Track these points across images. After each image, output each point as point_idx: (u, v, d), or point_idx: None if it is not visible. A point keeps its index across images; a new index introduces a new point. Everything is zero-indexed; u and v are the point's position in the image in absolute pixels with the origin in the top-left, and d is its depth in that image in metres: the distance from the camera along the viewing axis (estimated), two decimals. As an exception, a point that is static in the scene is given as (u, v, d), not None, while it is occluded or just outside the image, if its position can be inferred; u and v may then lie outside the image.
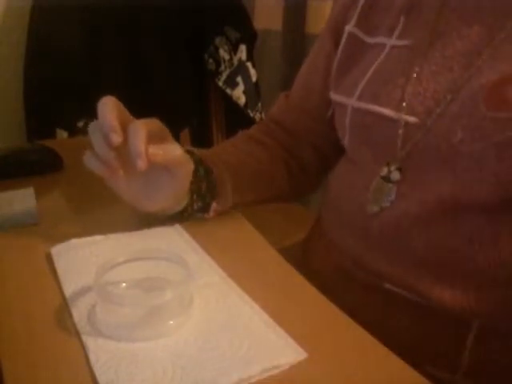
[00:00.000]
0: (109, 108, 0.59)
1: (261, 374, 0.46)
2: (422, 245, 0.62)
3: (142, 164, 0.58)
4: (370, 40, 0.72)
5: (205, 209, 0.72)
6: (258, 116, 1.71)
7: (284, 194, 0.85)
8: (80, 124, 1.53)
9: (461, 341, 0.60)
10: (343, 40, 0.75)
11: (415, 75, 0.64)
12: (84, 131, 1.49)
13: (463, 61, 0.61)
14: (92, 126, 0.61)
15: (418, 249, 0.62)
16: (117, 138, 0.58)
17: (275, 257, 0.65)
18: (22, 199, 0.75)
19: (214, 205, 0.72)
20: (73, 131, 1.54)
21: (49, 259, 0.63)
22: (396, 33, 0.68)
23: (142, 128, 0.59)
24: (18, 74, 1.55)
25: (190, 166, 0.67)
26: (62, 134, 1.54)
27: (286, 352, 0.48)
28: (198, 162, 0.71)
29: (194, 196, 0.70)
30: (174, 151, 0.64)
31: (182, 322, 0.52)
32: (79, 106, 1.51)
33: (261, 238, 0.69)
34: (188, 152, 0.72)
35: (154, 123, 0.62)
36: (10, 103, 1.59)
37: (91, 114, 0.64)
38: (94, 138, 0.60)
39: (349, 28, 0.75)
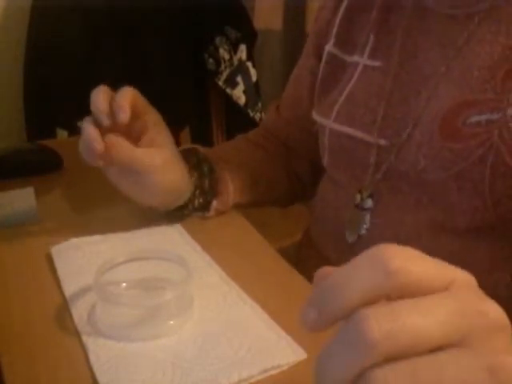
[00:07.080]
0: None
1: (261, 374, 0.46)
2: None
3: (124, 117, 0.61)
4: (348, 58, 0.71)
5: (205, 207, 0.71)
6: (258, 116, 1.71)
7: (283, 198, 0.86)
8: (80, 124, 1.52)
9: None
10: (323, 60, 0.74)
11: (386, 97, 0.64)
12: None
13: (428, 84, 0.61)
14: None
15: None
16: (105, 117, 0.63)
17: (275, 257, 0.65)
18: (22, 199, 0.75)
19: (214, 203, 0.72)
20: (73, 131, 1.54)
21: (49, 259, 0.63)
22: (366, 51, 0.68)
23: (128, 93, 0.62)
24: (18, 74, 1.54)
25: (155, 161, 0.63)
26: (63, 134, 1.54)
27: (286, 352, 0.48)
28: (203, 159, 0.71)
29: (197, 191, 0.70)
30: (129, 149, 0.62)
31: (182, 322, 0.52)
32: (79, 106, 1.51)
33: (261, 238, 0.69)
34: (193, 149, 0.72)
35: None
36: (9, 103, 1.58)
37: (91, 113, 0.65)
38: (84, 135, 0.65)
39: (328, 47, 0.74)
